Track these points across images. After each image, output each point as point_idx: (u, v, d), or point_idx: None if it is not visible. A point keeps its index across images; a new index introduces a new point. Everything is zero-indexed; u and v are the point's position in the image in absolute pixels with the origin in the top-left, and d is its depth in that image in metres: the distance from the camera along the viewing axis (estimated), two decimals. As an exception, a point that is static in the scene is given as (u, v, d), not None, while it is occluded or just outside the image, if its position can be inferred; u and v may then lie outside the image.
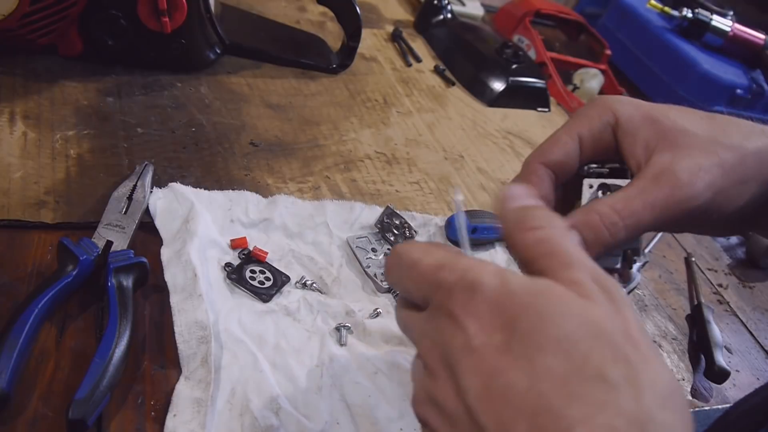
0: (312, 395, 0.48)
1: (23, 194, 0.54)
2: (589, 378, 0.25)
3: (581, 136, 0.40)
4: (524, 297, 0.28)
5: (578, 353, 0.26)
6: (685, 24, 1.13)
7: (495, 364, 0.27)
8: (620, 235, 0.37)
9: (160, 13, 0.66)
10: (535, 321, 0.27)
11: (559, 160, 0.40)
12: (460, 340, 0.28)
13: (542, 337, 0.26)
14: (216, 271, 0.54)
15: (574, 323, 0.26)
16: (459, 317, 0.28)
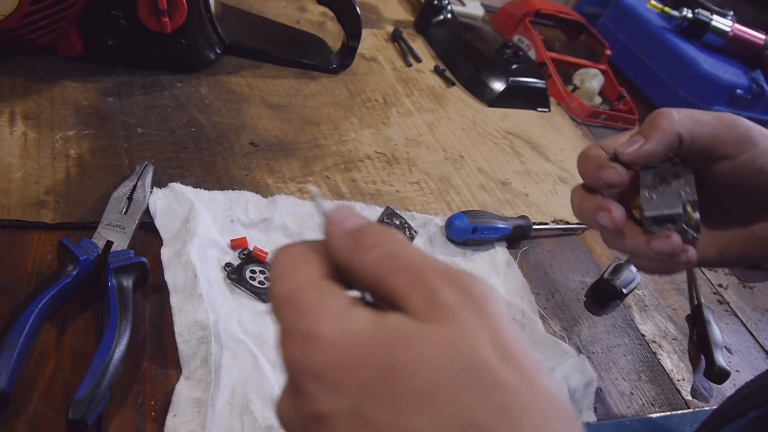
0: (312, 395, 0.48)
1: (23, 194, 0.54)
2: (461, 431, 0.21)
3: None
4: (368, 349, 0.23)
5: (443, 405, 0.22)
6: (685, 24, 1.13)
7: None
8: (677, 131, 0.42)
9: (160, 13, 0.66)
10: (385, 378, 0.22)
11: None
12: (307, 409, 0.23)
13: (397, 397, 0.22)
14: (216, 271, 0.54)
15: (433, 369, 0.22)
16: (300, 377, 0.24)
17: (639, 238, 0.44)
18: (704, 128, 0.43)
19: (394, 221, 0.64)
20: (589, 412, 0.56)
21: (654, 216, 0.44)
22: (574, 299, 0.68)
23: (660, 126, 0.42)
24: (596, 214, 0.44)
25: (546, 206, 0.78)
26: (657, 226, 0.44)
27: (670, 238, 0.43)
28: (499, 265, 0.67)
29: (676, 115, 0.42)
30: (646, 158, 0.43)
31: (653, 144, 0.42)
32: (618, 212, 0.43)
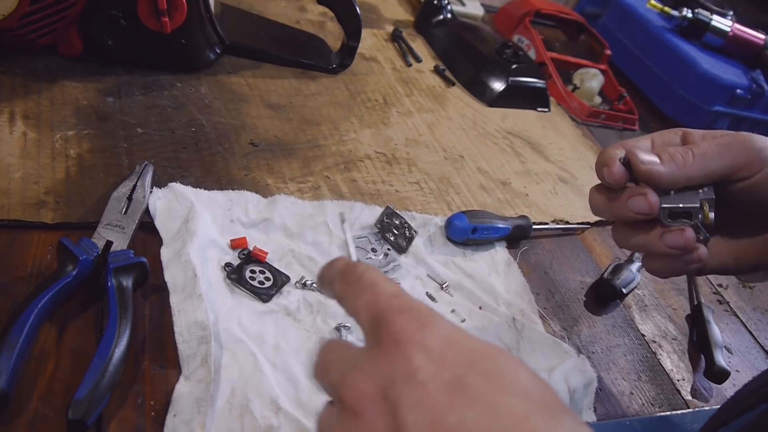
0: (312, 395, 0.48)
1: (23, 194, 0.54)
2: (549, 418, 0.26)
3: None
4: (480, 344, 0.28)
5: (535, 397, 0.26)
6: (685, 24, 1.13)
7: (445, 400, 0.26)
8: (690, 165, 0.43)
9: (160, 13, 0.66)
10: (491, 366, 0.27)
11: None
12: (404, 370, 0.27)
13: (501, 381, 0.27)
14: (216, 271, 0.54)
15: (526, 375, 0.27)
16: (406, 345, 0.27)
17: (652, 232, 0.45)
18: (713, 163, 0.44)
19: (394, 221, 0.64)
20: (589, 412, 0.56)
21: (670, 208, 0.44)
22: (574, 299, 0.68)
23: (676, 160, 0.43)
24: (629, 199, 0.44)
25: (546, 206, 0.78)
26: (672, 220, 0.44)
27: (684, 231, 0.44)
28: (499, 265, 0.67)
29: (690, 159, 0.43)
30: (654, 177, 0.43)
31: (665, 168, 0.43)
32: (653, 196, 0.43)
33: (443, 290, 0.61)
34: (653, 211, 0.44)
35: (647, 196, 0.43)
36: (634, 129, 1.06)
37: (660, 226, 0.45)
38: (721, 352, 0.65)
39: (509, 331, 0.60)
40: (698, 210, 0.44)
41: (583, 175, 0.88)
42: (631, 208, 0.44)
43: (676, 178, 0.43)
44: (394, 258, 0.62)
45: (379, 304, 0.29)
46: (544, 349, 0.59)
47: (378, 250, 0.62)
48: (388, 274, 0.60)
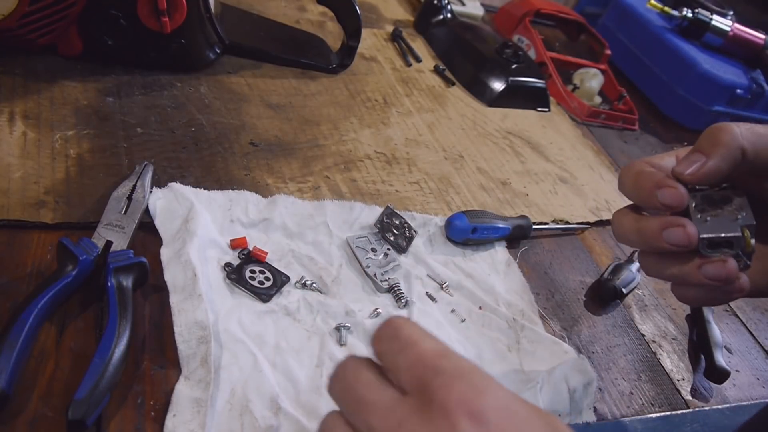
0: (312, 395, 0.48)
1: (23, 194, 0.54)
2: None
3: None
4: (538, 415, 0.27)
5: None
6: (685, 24, 1.13)
7: None
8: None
9: (160, 13, 0.66)
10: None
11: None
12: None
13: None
14: (216, 271, 0.54)
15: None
16: (456, 415, 0.26)
17: (690, 263, 0.41)
18: (765, 139, 0.40)
19: (394, 221, 0.64)
20: (589, 412, 0.56)
21: (710, 238, 0.40)
22: (574, 299, 0.67)
23: (721, 141, 0.39)
24: (664, 231, 0.40)
25: (546, 206, 0.78)
26: (712, 250, 0.41)
27: (726, 263, 0.40)
28: (498, 265, 0.67)
29: (737, 129, 0.40)
30: (711, 177, 0.40)
31: (716, 161, 0.39)
32: (692, 228, 0.40)
33: (443, 290, 0.61)
34: (692, 243, 0.40)
35: (686, 228, 0.40)
36: (634, 129, 1.06)
37: (699, 257, 0.41)
38: (721, 352, 0.65)
39: (509, 331, 0.60)
40: (740, 239, 0.41)
41: (583, 175, 0.88)
42: (668, 240, 0.40)
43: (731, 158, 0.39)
44: (394, 258, 0.62)
45: (425, 364, 0.28)
46: (544, 349, 0.59)
47: (378, 250, 0.62)
48: (387, 274, 0.60)
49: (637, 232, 0.42)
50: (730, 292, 0.42)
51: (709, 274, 0.40)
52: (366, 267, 0.60)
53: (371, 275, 0.59)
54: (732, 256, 0.40)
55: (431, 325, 0.57)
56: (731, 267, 0.40)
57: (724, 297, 0.42)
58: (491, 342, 0.58)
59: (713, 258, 0.40)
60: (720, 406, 0.62)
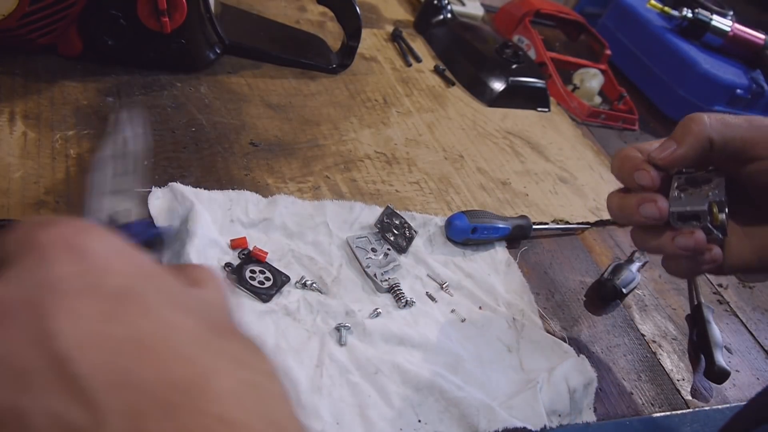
0: (312, 395, 0.48)
1: (23, 194, 0.54)
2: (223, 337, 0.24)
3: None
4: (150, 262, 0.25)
5: (210, 318, 0.24)
6: (685, 24, 1.13)
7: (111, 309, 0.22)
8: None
9: (160, 13, 0.66)
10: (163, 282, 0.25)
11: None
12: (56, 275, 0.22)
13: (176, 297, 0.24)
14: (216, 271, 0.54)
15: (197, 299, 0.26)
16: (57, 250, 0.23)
17: (665, 235, 0.46)
18: (735, 131, 0.44)
19: (394, 221, 0.64)
20: (589, 412, 0.56)
21: (678, 212, 0.45)
22: (574, 299, 0.68)
23: (691, 131, 0.44)
24: (640, 206, 0.46)
25: (546, 206, 0.78)
26: (681, 222, 0.46)
27: (693, 234, 0.45)
28: (499, 264, 0.67)
29: (707, 120, 0.44)
30: (678, 162, 0.45)
31: (685, 148, 0.44)
32: (663, 202, 0.45)
33: (443, 290, 0.61)
34: (663, 216, 0.45)
35: (657, 202, 0.45)
36: (634, 129, 1.06)
37: (671, 230, 0.46)
38: (721, 352, 0.65)
39: (509, 331, 0.60)
40: (705, 213, 0.45)
41: (583, 175, 0.88)
42: (643, 214, 0.46)
43: (699, 146, 0.44)
44: (394, 258, 0.62)
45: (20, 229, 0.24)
46: (544, 349, 0.59)
47: (378, 250, 0.62)
48: (387, 274, 0.60)
49: (620, 207, 0.48)
50: (703, 263, 0.46)
51: (680, 245, 0.45)
52: (366, 267, 0.60)
53: (371, 275, 0.59)
54: (701, 228, 0.45)
55: (431, 325, 0.57)
56: (698, 238, 0.45)
57: (701, 267, 0.47)
58: (491, 342, 0.58)
59: (683, 230, 0.45)
60: (720, 406, 0.62)
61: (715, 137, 0.44)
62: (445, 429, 0.49)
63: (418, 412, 0.50)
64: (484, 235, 0.67)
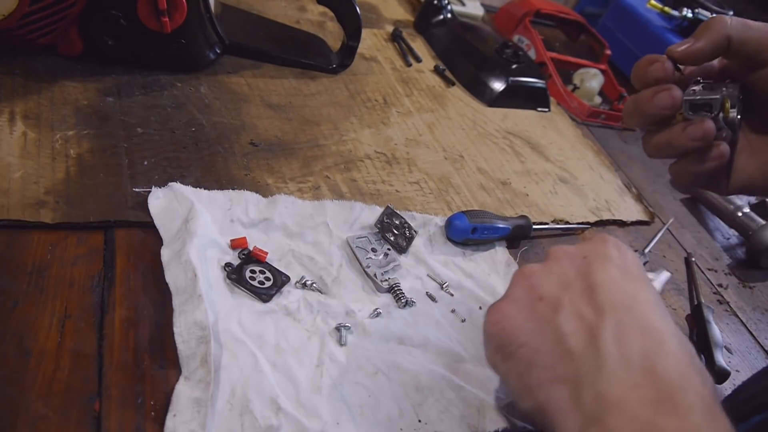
0: (312, 395, 0.48)
1: (23, 194, 0.54)
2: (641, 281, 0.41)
3: None
4: None
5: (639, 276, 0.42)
6: (685, 24, 1.13)
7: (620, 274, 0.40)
8: None
9: (160, 13, 0.66)
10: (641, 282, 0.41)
11: None
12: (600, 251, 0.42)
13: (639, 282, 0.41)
14: (216, 271, 0.54)
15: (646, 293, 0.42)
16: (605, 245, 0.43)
17: (675, 127, 0.47)
18: (754, 33, 0.46)
19: (394, 221, 0.64)
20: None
21: (690, 100, 0.46)
22: (574, 299, 0.67)
23: (711, 27, 0.46)
24: (655, 96, 0.47)
25: (546, 206, 0.78)
26: (693, 112, 0.46)
27: (703, 122, 0.45)
28: (499, 265, 0.67)
29: (727, 20, 0.46)
30: (695, 56, 0.46)
31: (703, 42, 0.45)
32: (677, 91, 0.46)
33: (443, 290, 0.61)
34: (676, 103, 0.46)
35: (671, 91, 0.46)
36: (634, 129, 1.06)
37: (683, 121, 0.47)
38: (721, 352, 0.65)
39: (509, 331, 0.60)
40: (718, 101, 0.45)
41: (583, 175, 0.88)
42: (657, 104, 0.46)
43: (716, 43, 0.45)
44: (394, 258, 0.62)
45: None
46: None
47: (378, 250, 0.62)
48: (388, 274, 0.60)
49: (635, 102, 0.48)
50: (711, 159, 0.47)
51: (690, 134, 0.46)
52: (366, 267, 0.60)
53: (371, 275, 0.59)
54: (711, 118, 0.46)
55: (431, 325, 0.57)
56: (708, 126, 0.45)
57: (709, 166, 0.47)
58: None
59: (693, 120, 0.46)
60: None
61: (733, 35, 0.45)
62: (445, 429, 0.49)
63: (418, 412, 0.50)
64: (484, 235, 0.67)
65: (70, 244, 0.52)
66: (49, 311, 0.47)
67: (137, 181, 0.59)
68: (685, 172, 0.49)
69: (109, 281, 0.50)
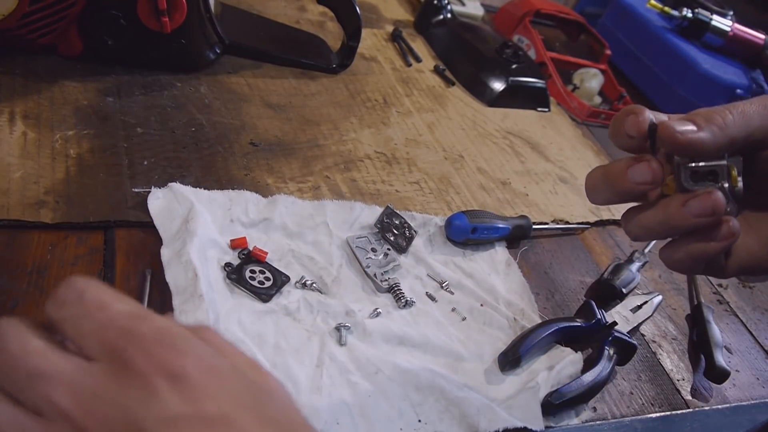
0: (312, 395, 0.48)
1: (23, 194, 0.54)
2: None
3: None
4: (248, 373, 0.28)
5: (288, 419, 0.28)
6: (685, 24, 1.13)
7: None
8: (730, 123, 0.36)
9: (160, 13, 0.66)
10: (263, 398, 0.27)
11: None
12: (155, 408, 0.24)
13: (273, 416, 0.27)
14: (216, 271, 0.54)
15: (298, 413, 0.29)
16: (155, 378, 0.25)
17: (672, 203, 0.37)
18: (754, 121, 0.37)
19: (393, 221, 0.64)
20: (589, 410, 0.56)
21: (693, 168, 0.37)
22: (574, 299, 0.67)
23: (716, 121, 0.36)
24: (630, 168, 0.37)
25: (546, 206, 0.78)
26: (694, 182, 0.37)
27: (711, 194, 0.36)
28: (498, 265, 0.67)
29: (730, 118, 0.37)
30: (693, 146, 0.36)
31: (706, 134, 0.36)
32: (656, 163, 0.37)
33: (443, 289, 0.61)
34: (657, 177, 0.37)
35: (650, 162, 0.37)
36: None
37: (681, 193, 0.37)
38: (721, 352, 0.65)
39: (510, 330, 0.60)
40: (724, 168, 0.37)
41: (583, 175, 0.87)
42: (632, 179, 0.37)
43: (719, 142, 0.36)
44: (394, 258, 0.62)
45: (118, 327, 0.26)
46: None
47: (378, 250, 0.62)
48: (387, 274, 0.60)
49: (604, 175, 0.39)
50: (719, 239, 0.37)
51: (695, 210, 0.36)
52: (366, 267, 0.60)
53: (371, 275, 0.59)
54: (717, 188, 0.37)
55: (431, 324, 0.57)
56: (717, 198, 0.36)
57: (715, 247, 0.38)
58: (492, 340, 0.58)
59: (697, 192, 0.36)
60: (720, 406, 0.62)
61: (737, 135, 0.37)
62: (445, 429, 0.49)
63: (418, 412, 0.50)
64: (484, 235, 0.67)
65: (70, 244, 0.52)
66: (49, 311, 0.47)
67: (137, 181, 0.59)
68: (685, 257, 0.38)
69: (109, 281, 0.50)
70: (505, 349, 0.56)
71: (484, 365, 0.56)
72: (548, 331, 0.57)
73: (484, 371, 0.55)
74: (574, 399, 0.54)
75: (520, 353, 0.55)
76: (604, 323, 0.60)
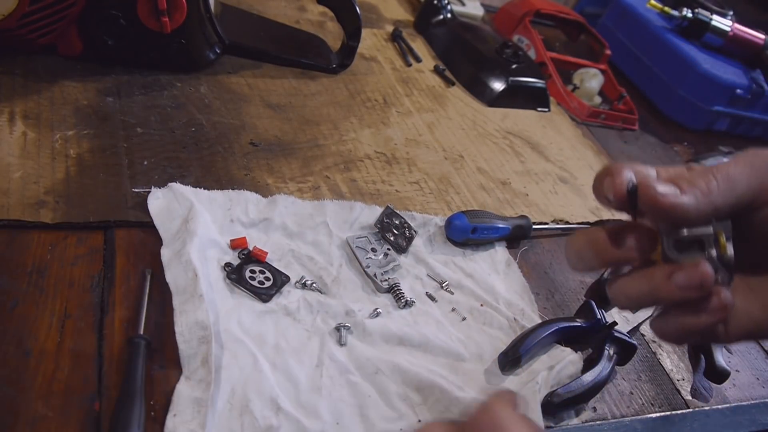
0: (312, 395, 0.48)
1: (23, 194, 0.54)
2: None
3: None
4: None
5: None
6: (685, 24, 1.13)
7: None
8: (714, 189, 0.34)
9: (160, 13, 0.66)
10: None
11: None
12: None
13: None
14: (216, 271, 0.54)
15: None
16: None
17: (657, 275, 0.35)
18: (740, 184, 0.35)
19: (393, 221, 0.64)
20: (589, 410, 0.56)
21: (677, 238, 0.34)
22: (574, 299, 0.67)
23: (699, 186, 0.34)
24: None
25: (546, 206, 0.78)
26: (680, 253, 0.34)
27: (698, 266, 0.33)
28: (498, 265, 0.67)
29: (714, 185, 0.34)
30: (678, 212, 0.34)
31: (688, 199, 0.33)
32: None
33: (443, 289, 0.61)
34: (645, 246, 0.35)
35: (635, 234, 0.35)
36: (634, 129, 1.06)
37: (666, 265, 0.34)
38: (721, 352, 0.65)
39: (510, 330, 0.60)
40: (711, 237, 0.34)
41: (583, 175, 0.88)
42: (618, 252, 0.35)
43: (702, 209, 0.33)
44: (394, 258, 0.62)
45: None
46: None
47: (378, 250, 0.62)
48: (387, 274, 0.60)
49: (590, 243, 0.37)
50: (711, 311, 0.35)
51: (681, 282, 0.34)
52: (366, 267, 0.60)
53: (371, 275, 0.59)
54: (705, 259, 0.34)
55: (431, 324, 0.57)
56: (705, 271, 0.34)
57: (707, 320, 0.35)
58: (492, 340, 0.58)
59: (683, 263, 0.34)
60: (720, 406, 0.62)
61: (722, 204, 0.34)
62: (445, 429, 0.49)
63: (418, 412, 0.50)
64: (484, 235, 0.67)
65: (70, 244, 0.52)
66: (49, 311, 0.47)
67: (137, 181, 0.59)
68: (675, 330, 0.36)
69: (109, 281, 0.50)
70: (505, 349, 0.56)
71: (484, 365, 0.56)
72: (548, 331, 0.57)
73: (484, 371, 0.55)
74: (574, 399, 0.54)
75: (520, 353, 0.55)
76: (604, 323, 0.60)
